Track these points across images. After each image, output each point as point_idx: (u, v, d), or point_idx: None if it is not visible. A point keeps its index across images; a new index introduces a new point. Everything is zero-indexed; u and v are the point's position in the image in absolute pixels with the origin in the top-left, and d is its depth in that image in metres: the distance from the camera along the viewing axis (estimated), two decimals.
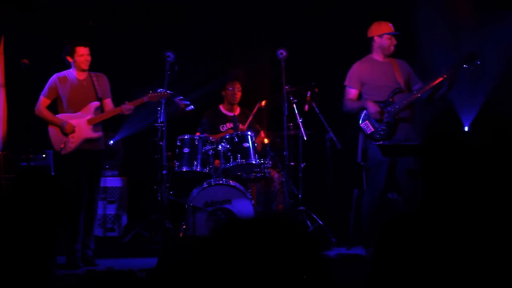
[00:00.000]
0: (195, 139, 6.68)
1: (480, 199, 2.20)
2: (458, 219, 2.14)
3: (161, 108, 6.57)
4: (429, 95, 6.04)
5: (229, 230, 1.31)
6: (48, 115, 5.94)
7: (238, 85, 7.34)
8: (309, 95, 7.02)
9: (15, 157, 6.68)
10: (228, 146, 6.60)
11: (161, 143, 6.63)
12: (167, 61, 6.68)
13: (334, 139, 6.97)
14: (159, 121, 6.59)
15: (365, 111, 6.01)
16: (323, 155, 7.38)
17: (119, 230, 7.11)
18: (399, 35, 6.13)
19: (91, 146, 5.91)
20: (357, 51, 6.34)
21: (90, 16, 7.75)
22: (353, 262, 5.96)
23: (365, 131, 6.01)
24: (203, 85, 7.74)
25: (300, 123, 6.84)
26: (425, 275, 2.05)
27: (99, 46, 6.56)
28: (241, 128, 7.07)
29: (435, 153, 2.29)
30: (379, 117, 5.95)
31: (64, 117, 5.91)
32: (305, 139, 6.84)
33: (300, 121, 6.84)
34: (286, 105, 6.69)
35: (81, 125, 5.88)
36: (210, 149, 6.62)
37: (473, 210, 2.15)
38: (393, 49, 6.11)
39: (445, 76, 5.84)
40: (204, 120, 7.32)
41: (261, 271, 1.24)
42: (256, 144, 6.77)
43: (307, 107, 7.01)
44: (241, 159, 6.56)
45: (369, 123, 6.00)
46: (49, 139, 5.95)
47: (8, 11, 7.25)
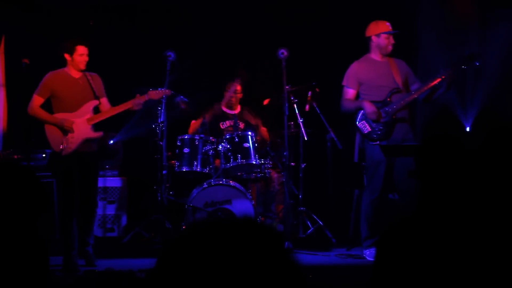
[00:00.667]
0: (195, 139, 6.67)
1: (479, 200, 2.18)
2: (458, 221, 2.12)
3: (161, 108, 6.56)
4: (427, 96, 6.03)
5: (192, 235, 1.29)
6: (43, 114, 5.74)
7: (238, 87, 7.32)
8: (310, 95, 7.00)
9: (15, 156, 6.66)
10: (228, 146, 6.59)
11: (161, 143, 6.62)
12: (168, 60, 6.66)
13: (335, 139, 6.96)
14: (159, 121, 6.57)
15: (362, 111, 6.00)
16: (323, 155, 7.37)
17: (119, 230, 7.10)
18: (397, 34, 6.11)
19: (86, 147, 5.75)
20: (358, 51, 6.33)
21: (90, 15, 7.74)
22: (353, 262, 5.96)
23: (362, 130, 6.00)
24: (204, 85, 7.73)
25: (300, 123, 6.82)
26: (428, 277, 2.04)
27: (99, 45, 6.55)
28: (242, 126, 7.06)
29: (432, 154, 2.27)
30: (375, 118, 5.93)
31: (61, 116, 5.73)
32: (306, 139, 6.82)
33: (300, 121, 6.82)
34: (286, 105, 6.67)
35: (81, 124, 5.72)
36: (210, 149, 6.61)
37: (472, 211, 2.14)
38: (391, 49, 6.09)
39: (444, 77, 5.82)
40: (204, 120, 7.30)
41: (229, 275, 1.22)
42: (257, 140, 6.76)
43: (308, 107, 6.99)
44: (241, 159, 6.55)
45: (366, 123, 5.98)
46: (47, 141, 5.80)
47: (9, 11, 7.24)
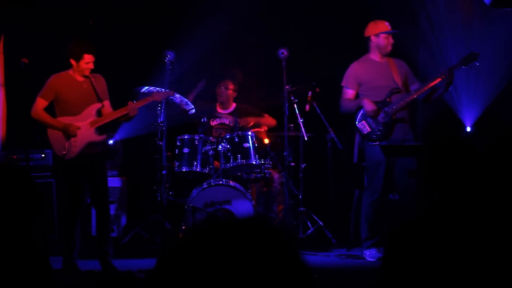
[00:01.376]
0: (195, 139, 6.65)
1: (488, 202, 2.17)
2: (467, 221, 2.11)
3: (161, 108, 6.54)
4: (426, 96, 6.01)
5: (202, 234, 1.27)
6: (46, 118, 5.65)
7: (230, 85, 7.30)
8: (310, 95, 6.99)
9: (14, 156, 6.65)
10: (228, 146, 6.57)
11: (160, 143, 6.60)
12: (167, 60, 6.64)
13: (335, 139, 6.94)
14: (159, 121, 6.56)
15: (361, 111, 5.98)
16: (324, 156, 7.35)
17: (118, 230, 7.07)
18: (397, 34, 6.10)
19: (92, 149, 5.67)
20: (358, 51, 6.31)
21: (90, 15, 7.73)
22: (353, 263, 5.95)
23: (362, 131, 5.98)
24: (203, 84, 7.71)
25: (301, 123, 6.81)
26: (436, 278, 2.02)
27: (99, 45, 6.52)
28: (243, 122, 7.04)
29: (441, 157, 2.25)
30: (375, 115, 5.91)
31: (65, 120, 5.64)
32: (306, 139, 6.80)
33: (301, 121, 6.81)
34: (287, 105, 6.66)
35: (84, 128, 5.64)
36: (210, 149, 6.59)
37: (481, 213, 2.12)
38: (390, 49, 6.07)
39: (443, 77, 5.80)
40: (204, 119, 7.29)
41: (236, 276, 1.21)
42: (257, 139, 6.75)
43: (308, 107, 6.98)
44: (241, 160, 6.54)
45: (365, 123, 5.96)
46: (49, 143, 5.71)
47: (8, 10, 7.23)
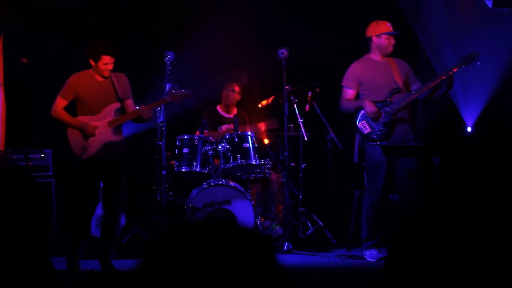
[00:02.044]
0: (195, 139, 6.65)
1: (498, 202, 2.16)
2: (476, 222, 2.10)
3: (160, 107, 6.53)
4: (427, 96, 6.00)
5: (172, 237, 1.28)
6: (66, 117, 5.62)
7: (235, 87, 7.30)
8: (310, 95, 6.98)
9: (14, 156, 6.64)
10: (228, 146, 6.57)
11: (160, 143, 6.59)
12: (167, 60, 6.63)
13: (335, 139, 6.93)
14: (158, 121, 6.55)
15: (362, 111, 5.97)
16: (324, 156, 7.34)
17: (118, 230, 7.05)
18: (398, 34, 6.08)
19: (111, 149, 5.61)
20: (358, 51, 6.30)
21: (89, 15, 7.72)
22: (353, 263, 5.94)
23: (362, 131, 5.97)
24: (203, 85, 7.70)
25: (301, 123, 6.80)
26: (441, 278, 2.01)
27: None
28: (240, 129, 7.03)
29: (455, 159, 2.23)
30: (376, 117, 5.90)
31: (85, 119, 5.61)
32: (306, 139, 6.80)
33: (301, 121, 6.80)
34: (286, 105, 6.65)
35: (102, 128, 5.59)
36: (209, 149, 6.59)
37: (491, 213, 2.11)
38: (391, 49, 6.06)
39: (444, 77, 5.79)
40: (204, 120, 7.29)
41: (208, 279, 1.22)
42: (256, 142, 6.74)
43: (308, 107, 6.97)
44: (241, 160, 6.53)
45: (366, 123, 5.95)
46: (68, 143, 5.65)
47: (7, 10, 7.22)
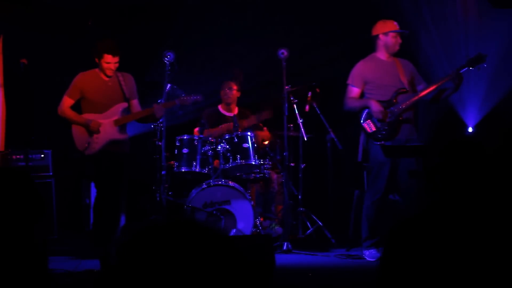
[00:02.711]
0: (194, 139, 6.65)
1: (491, 203, 2.16)
2: (469, 223, 2.11)
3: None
4: (434, 97, 6.00)
5: (142, 236, 1.33)
6: (72, 115, 5.70)
7: (233, 85, 7.32)
8: (310, 95, 6.98)
9: (13, 157, 6.65)
10: (227, 146, 6.57)
11: (160, 143, 6.59)
12: (167, 60, 6.64)
13: (335, 139, 6.94)
14: (158, 121, 6.55)
15: (366, 110, 5.96)
16: (323, 156, 7.34)
17: (117, 230, 7.06)
18: (404, 34, 6.10)
19: (115, 148, 5.66)
20: (358, 51, 6.31)
21: (89, 15, 7.73)
22: (352, 263, 5.94)
23: (367, 130, 5.96)
24: (203, 85, 7.71)
25: (300, 124, 6.81)
26: (436, 278, 2.02)
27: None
28: (244, 124, 7.03)
29: (455, 159, 2.25)
30: (382, 117, 5.89)
31: (91, 117, 5.68)
32: (306, 139, 6.80)
33: (300, 121, 6.81)
34: (286, 106, 6.65)
35: (107, 125, 5.65)
36: (209, 149, 6.59)
37: (487, 215, 2.12)
38: (397, 48, 6.07)
39: (450, 78, 5.79)
40: (203, 120, 7.29)
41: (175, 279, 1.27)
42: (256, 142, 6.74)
43: (307, 107, 6.97)
44: (240, 160, 6.53)
45: (371, 122, 5.94)
46: (71, 139, 5.73)
47: (7, 10, 7.23)
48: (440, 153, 2.34)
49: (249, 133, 6.68)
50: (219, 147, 6.57)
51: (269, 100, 7.30)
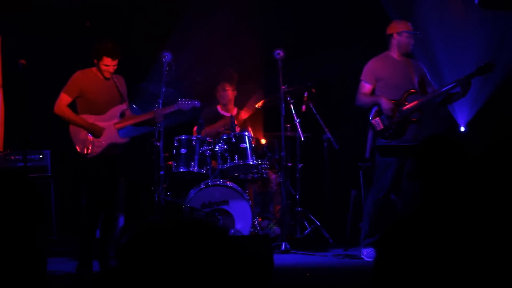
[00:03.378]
0: (192, 139, 6.67)
1: (478, 201, 2.19)
2: (458, 221, 2.13)
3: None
4: (444, 99, 6.06)
5: (145, 237, 1.34)
6: (71, 115, 5.48)
7: (227, 86, 7.35)
8: (306, 96, 7.01)
9: (12, 157, 6.66)
10: (225, 146, 6.59)
11: (158, 143, 6.59)
12: (164, 61, 6.65)
13: (331, 139, 6.96)
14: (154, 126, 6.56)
15: (376, 107, 6.00)
16: (320, 156, 7.37)
17: (116, 231, 7.07)
18: (417, 35, 6.16)
19: (113, 151, 5.59)
20: (357, 51, 6.34)
21: (87, 16, 7.73)
22: (350, 263, 5.97)
23: (375, 127, 6.00)
24: (200, 85, 7.73)
25: (297, 124, 6.83)
26: (429, 277, 2.05)
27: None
28: (242, 116, 7.06)
29: (431, 155, 2.29)
30: (392, 114, 5.93)
31: (89, 119, 5.52)
32: (303, 139, 6.83)
33: (297, 121, 6.83)
34: (283, 106, 6.68)
35: (108, 129, 5.54)
36: (207, 149, 6.61)
37: (472, 212, 2.15)
38: (410, 48, 6.13)
39: (459, 83, 5.84)
40: (201, 120, 7.31)
41: (179, 278, 1.28)
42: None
43: (304, 107, 7.00)
44: (238, 160, 6.55)
45: (379, 120, 5.98)
46: (70, 139, 5.55)
47: (5, 11, 7.24)
48: (417, 152, 2.38)
49: (246, 133, 6.70)
50: (217, 147, 6.58)
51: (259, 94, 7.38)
